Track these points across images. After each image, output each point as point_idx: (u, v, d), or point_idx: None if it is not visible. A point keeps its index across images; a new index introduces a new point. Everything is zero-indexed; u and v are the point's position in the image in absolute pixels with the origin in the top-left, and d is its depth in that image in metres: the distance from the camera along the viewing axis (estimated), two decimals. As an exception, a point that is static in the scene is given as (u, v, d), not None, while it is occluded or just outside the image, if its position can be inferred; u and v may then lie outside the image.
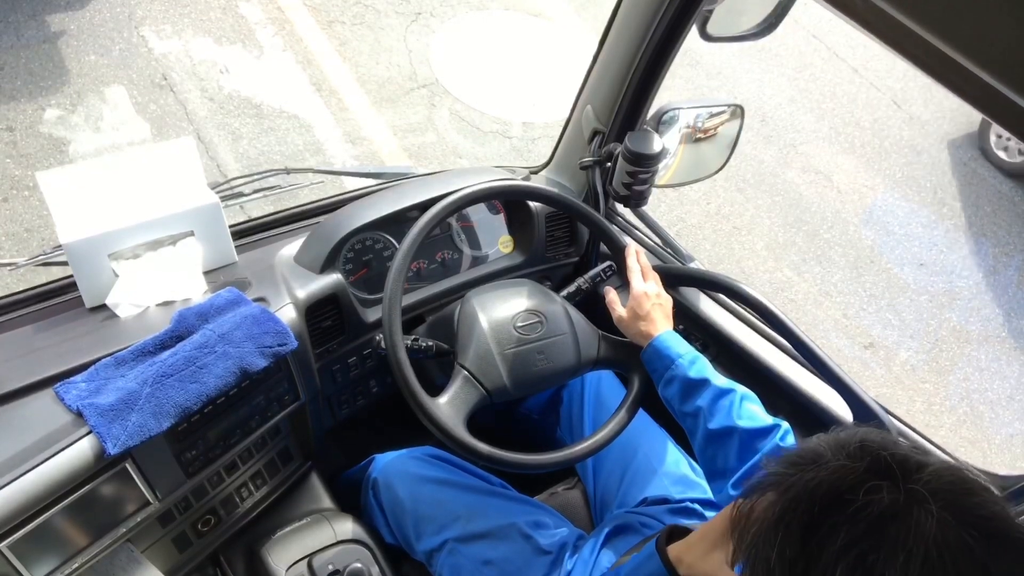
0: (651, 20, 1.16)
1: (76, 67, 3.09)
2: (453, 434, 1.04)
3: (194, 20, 3.44)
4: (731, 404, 1.01)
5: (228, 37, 3.41)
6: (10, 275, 1.09)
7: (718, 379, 1.05)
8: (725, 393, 1.03)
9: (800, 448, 0.65)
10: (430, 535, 1.21)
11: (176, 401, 0.94)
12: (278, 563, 1.17)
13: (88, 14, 3.28)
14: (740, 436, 0.99)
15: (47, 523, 0.88)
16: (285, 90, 3.25)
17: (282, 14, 3.58)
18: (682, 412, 1.07)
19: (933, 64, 0.54)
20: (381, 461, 1.33)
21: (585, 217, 1.25)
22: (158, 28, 3.36)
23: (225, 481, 1.18)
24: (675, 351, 1.08)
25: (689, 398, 1.05)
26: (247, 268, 1.20)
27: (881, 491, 0.56)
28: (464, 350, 1.12)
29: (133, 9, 3.38)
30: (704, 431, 1.03)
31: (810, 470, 0.61)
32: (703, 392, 1.04)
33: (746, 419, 1.00)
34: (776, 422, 1.01)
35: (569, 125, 1.44)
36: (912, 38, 0.52)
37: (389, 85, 3.39)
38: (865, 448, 0.60)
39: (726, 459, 1.01)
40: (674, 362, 1.07)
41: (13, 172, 2.65)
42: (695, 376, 1.05)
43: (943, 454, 1.15)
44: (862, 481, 0.57)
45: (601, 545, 1.11)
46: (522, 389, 1.13)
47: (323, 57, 3.45)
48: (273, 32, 3.50)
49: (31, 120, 2.83)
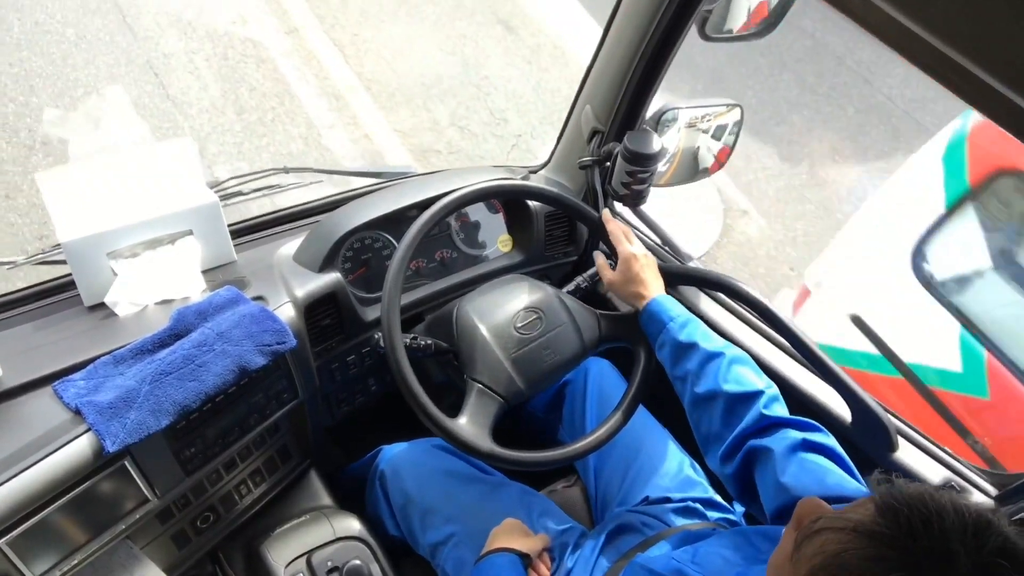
0: (650, 20, 1.16)
1: (75, 66, 3.09)
2: (483, 450, 1.05)
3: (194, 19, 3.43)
4: (718, 368, 1.02)
5: (228, 36, 3.40)
6: (9, 273, 1.09)
7: (708, 342, 1.04)
8: (713, 357, 1.03)
9: (922, 505, 0.57)
10: (436, 527, 1.21)
11: (175, 399, 0.94)
12: (277, 560, 1.17)
13: (87, 13, 3.28)
14: (724, 400, 0.99)
15: (46, 520, 0.88)
16: (284, 90, 3.25)
17: (285, 13, 3.57)
18: (673, 376, 1.08)
19: (932, 64, 0.54)
20: (389, 452, 1.34)
21: (584, 216, 1.26)
22: (158, 28, 3.35)
23: (224, 479, 1.18)
24: (667, 314, 1.08)
25: (679, 362, 1.06)
26: (246, 267, 1.20)
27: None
28: (472, 363, 1.11)
29: (134, 8, 3.37)
30: (691, 395, 1.03)
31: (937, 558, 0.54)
32: (692, 356, 1.04)
33: (732, 383, 1.00)
34: (763, 388, 1.00)
35: (568, 124, 1.45)
36: (911, 38, 0.52)
37: (390, 84, 3.39)
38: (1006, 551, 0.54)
39: (710, 423, 1.01)
40: (666, 325, 1.07)
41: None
42: (684, 339, 1.05)
43: (943, 453, 1.15)
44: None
45: (603, 544, 1.11)
46: (535, 387, 1.14)
47: (326, 56, 3.45)
48: (274, 28, 3.49)
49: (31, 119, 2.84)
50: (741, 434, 0.98)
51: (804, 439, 0.94)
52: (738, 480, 0.99)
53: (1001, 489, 1.10)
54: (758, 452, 0.96)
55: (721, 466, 1.01)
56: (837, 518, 0.62)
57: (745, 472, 0.98)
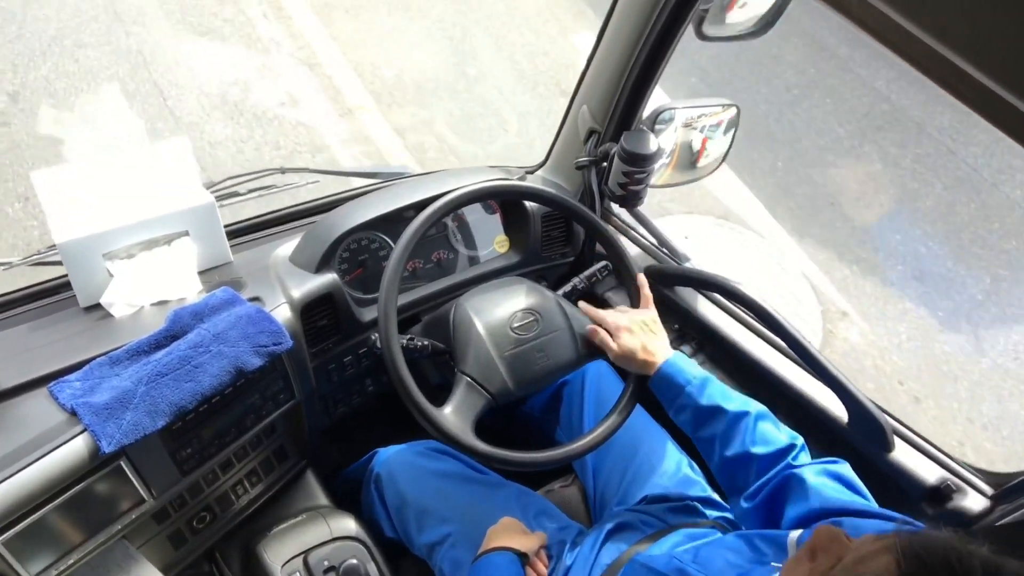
0: (647, 20, 1.16)
1: (74, 66, 3.09)
2: (463, 442, 1.04)
3: (193, 20, 3.43)
4: (745, 429, 1.01)
5: (227, 36, 3.40)
6: (4, 274, 1.09)
7: (730, 402, 1.03)
8: (739, 418, 1.02)
9: (948, 568, 0.56)
10: (432, 528, 1.21)
11: (171, 400, 0.94)
12: (274, 560, 1.17)
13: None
14: (757, 462, 0.99)
15: (42, 520, 0.88)
16: (284, 88, 3.25)
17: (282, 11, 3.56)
18: (697, 438, 1.07)
19: (930, 65, 0.54)
20: (384, 455, 1.34)
21: (581, 217, 1.25)
22: (157, 27, 3.35)
23: (220, 479, 1.18)
24: (683, 376, 1.07)
25: (704, 425, 1.05)
26: (242, 268, 1.20)
27: None
28: (464, 357, 1.12)
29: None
30: (720, 457, 1.03)
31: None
32: (717, 419, 1.03)
33: (760, 444, 1.00)
34: (791, 440, 1.00)
35: (565, 125, 1.45)
36: (909, 39, 0.52)
37: (390, 83, 3.39)
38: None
39: (745, 481, 1.01)
40: (684, 389, 1.06)
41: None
42: (707, 403, 1.04)
43: (939, 453, 1.15)
44: None
45: (602, 541, 1.11)
46: (525, 388, 1.13)
47: (324, 53, 3.42)
48: (271, 27, 3.49)
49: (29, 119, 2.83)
50: (768, 482, 0.98)
51: (825, 468, 0.96)
52: (757, 513, 1.00)
53: (997, 488, 1.10)
54: (782, 489, 0.97)
55: (743, 503, 1.01)
56: (854, 571, 0.60)
57: (765, 506, 0.99)
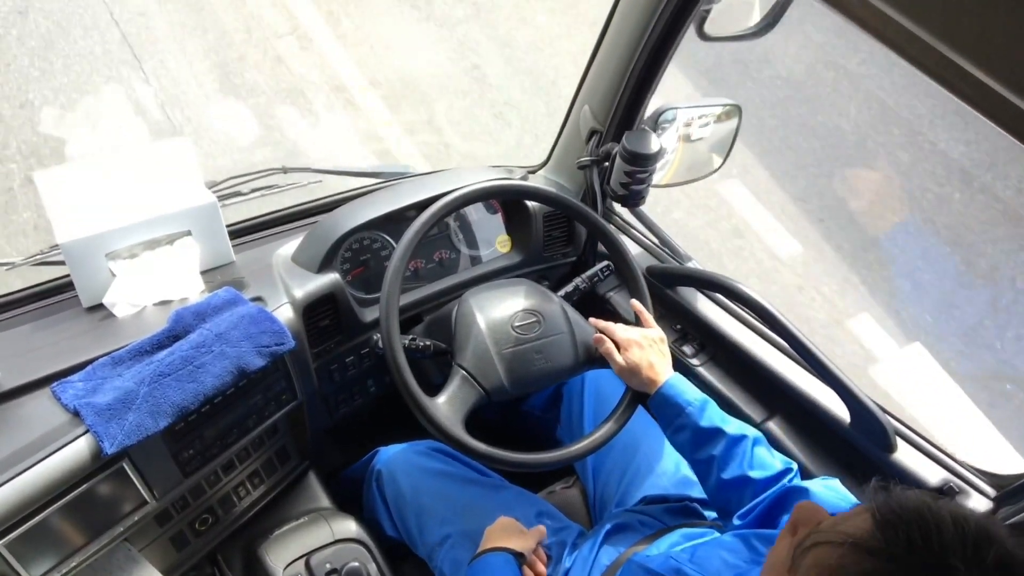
0: (649, 20, 1.16)
1: (73, 66, 3.09)
2: (451, 433, 1.04)
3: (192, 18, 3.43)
4: (743, 453, 1.02)
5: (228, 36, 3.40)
6: (7, 274, 1.09)
7: (729, 425, 1.05)
8: (737, 442, 1.03)
9: (921, 518, 0.57)
10: (433, 528, 1.21)
11: (173, 400, 0.94)
12: (276, 562, 1.17)
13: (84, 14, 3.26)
14: (753, 486, 1.01)
15: (44, 522, 0.88)
16: (284, 88, 3.25)
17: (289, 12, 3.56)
18: (693, 460, 1.08)
19: (931, 65, 0.54)
20: (385, 454, 1.34)
21: (583, 217, 1.25)
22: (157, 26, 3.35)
23: (222, 480, 1.18)
24: (683, 398, 1.08)
25: (702, 447, 1.06)
26: (244, 268, 1.20)
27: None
28: (462, 350, 1.12)
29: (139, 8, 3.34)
30: (717, 479, 1.04)
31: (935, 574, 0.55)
32: (716, 442, 1.04)
33: (758, 468, 1.01)
34: (786, 465, 1.02)
35: (567, 124, 1.44)
36: (910, 38, 0.52)
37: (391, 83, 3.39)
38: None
39: (739, 503, 1.02)
40: (684, 410, 1.07)
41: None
42: (706, 425, 1.05)
43: (941, 454, 1.15)
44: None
45: (601, 543, 1.12)
46: (520, 388, 1.13)
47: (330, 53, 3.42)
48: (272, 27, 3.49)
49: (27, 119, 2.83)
50: (764, 500, 0.99)
51: (824, 483, 0.98)
52: (751, 526, 1.01)
53: (999, 490, 1.09)
54: (780, 501, 0.98)
55: (736, 521, 1.01)
56: (834, 531, 0.61)
57: (759, 519, 1.00)
